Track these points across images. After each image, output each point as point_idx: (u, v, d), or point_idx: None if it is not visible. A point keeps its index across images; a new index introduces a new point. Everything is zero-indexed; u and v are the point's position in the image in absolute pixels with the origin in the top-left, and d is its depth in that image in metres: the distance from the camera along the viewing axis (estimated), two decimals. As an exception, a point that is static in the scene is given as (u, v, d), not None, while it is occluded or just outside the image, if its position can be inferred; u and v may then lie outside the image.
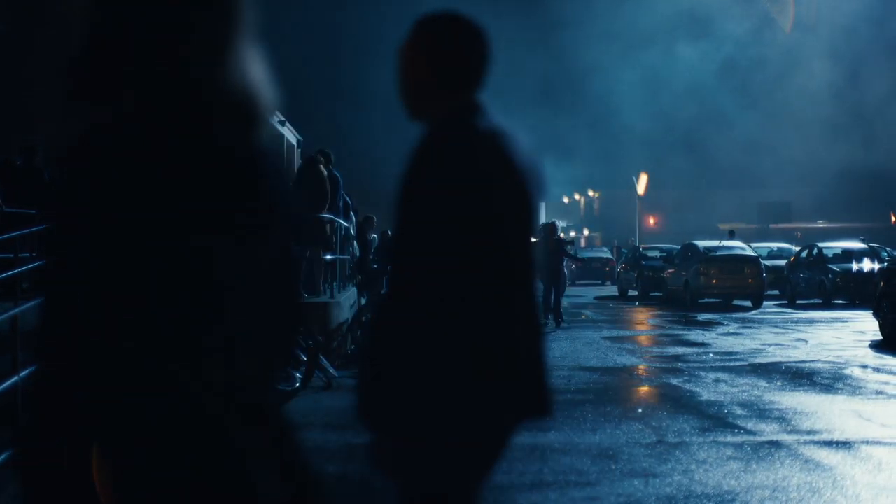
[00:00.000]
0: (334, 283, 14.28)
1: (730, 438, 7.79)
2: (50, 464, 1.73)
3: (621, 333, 17.59)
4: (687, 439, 7.74)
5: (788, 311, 23.67)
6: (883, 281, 16.17)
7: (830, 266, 25.03)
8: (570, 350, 14.67)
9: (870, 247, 26.21)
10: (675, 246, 30.83)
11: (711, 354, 14.12)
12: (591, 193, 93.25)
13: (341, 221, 14.74)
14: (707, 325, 19.23)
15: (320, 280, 13.57)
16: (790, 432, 8.03)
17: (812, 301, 25.68)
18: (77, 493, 1.74)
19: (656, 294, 29.13)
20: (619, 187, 71.38)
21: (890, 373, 11.81)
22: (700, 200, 70.15)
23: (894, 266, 16.22)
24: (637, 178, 46.73)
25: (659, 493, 6.03)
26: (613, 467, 6.74)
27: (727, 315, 22.04)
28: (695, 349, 14.91)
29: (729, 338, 16.53)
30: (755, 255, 25.89)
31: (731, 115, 56.97)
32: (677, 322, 20.47)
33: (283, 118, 41.92)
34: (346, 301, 14.17)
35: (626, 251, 36.90)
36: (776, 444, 7.51)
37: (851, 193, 61.20)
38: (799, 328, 18.38)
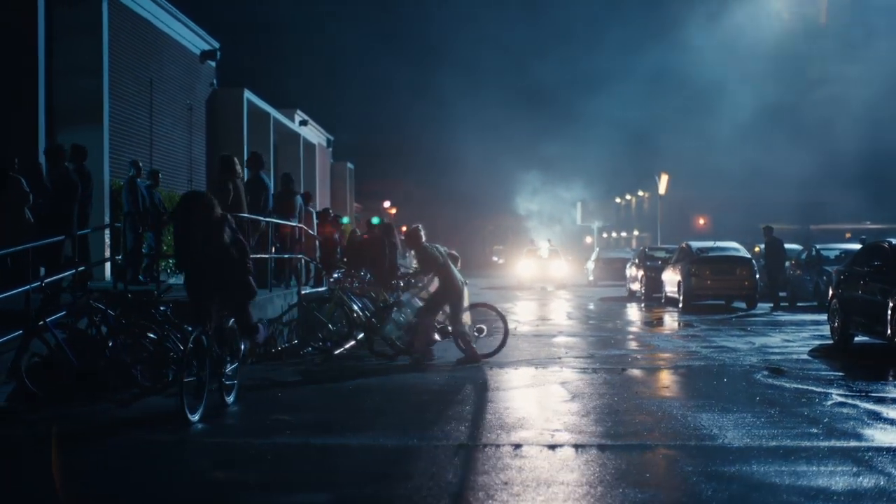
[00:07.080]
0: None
1: (514, 436, 7.68)
2: None
3: (576, 333, 17.40)
4: (485, 441, 7.65)
5: (777, 314, 23.16)
6: (836, 283, 15.76)
7: (825, 268, 24.40)
8: (506, 348, 14.51)
9: (869, 248, 25.47)
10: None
11: (640, 357, 13.93)
12: (640, 193, 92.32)
13: (275, 220, 14.83)
14: (675, 327, 18.93)
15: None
16: (598, 436, 7.91)
17: (811, 303, 25.08)
18: None
19: (658, 295, 28.73)
20: (671, 187, 70.62)
21: (794, 378, 11.49)
22: (744, 201, 69.13)
23: (846, 269, 15.75)
24: (658, 178, 46.21)
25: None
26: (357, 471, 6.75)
27: (708, 317, 21.64)
28: (630, 352, 14.70)
29: (679, 340, 16.27)
30: (748, 256, 25.36)
31: (776, 115, 56.01)
32: (648, 324, 20.19)
33: (305, 118, 42.21)
34: (270, 299, 14.22)
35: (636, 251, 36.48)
36: (557, 447, 7.41)
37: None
38: (762, 331, 18.00)
